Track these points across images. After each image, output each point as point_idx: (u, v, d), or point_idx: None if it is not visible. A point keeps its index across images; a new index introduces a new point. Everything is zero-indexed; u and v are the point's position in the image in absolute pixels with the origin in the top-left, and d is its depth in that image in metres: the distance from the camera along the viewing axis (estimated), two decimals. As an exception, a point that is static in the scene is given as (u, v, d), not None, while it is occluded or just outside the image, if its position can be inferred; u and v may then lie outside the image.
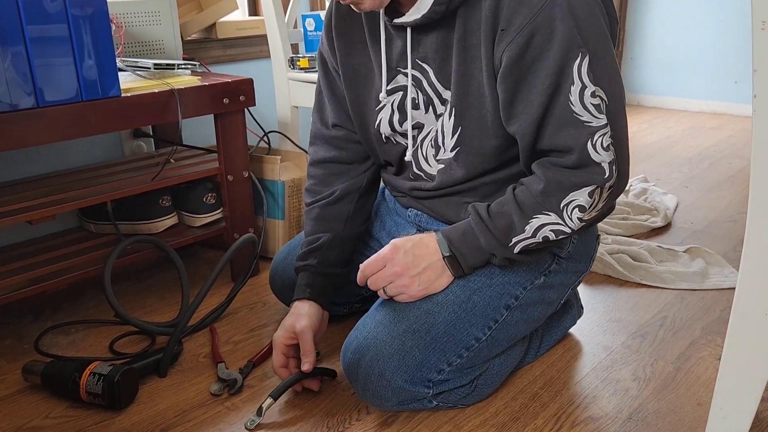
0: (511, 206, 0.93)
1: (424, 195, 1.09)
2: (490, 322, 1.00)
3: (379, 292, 0.98)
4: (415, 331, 0.96)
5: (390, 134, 1.08)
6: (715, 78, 3.25)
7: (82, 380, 1.05)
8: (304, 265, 1.14)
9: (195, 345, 1.25)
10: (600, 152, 0.88)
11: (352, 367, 0.98)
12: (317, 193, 1.17)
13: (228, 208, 1.46)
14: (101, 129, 1.20)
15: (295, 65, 1.67)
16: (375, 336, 0.96)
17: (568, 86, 0.86)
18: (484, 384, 1.04)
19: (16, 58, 1.07)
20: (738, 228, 1.77)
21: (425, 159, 1.05)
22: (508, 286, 1.01)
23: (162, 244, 1.35)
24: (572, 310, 1.24)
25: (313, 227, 1.16)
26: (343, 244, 1.15)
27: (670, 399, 1.06)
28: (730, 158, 2.47)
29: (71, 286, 1.50)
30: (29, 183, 1.39)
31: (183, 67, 1.39)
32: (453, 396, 1.01)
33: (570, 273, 1.09)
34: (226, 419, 1.03)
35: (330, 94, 1.15)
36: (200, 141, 1.80)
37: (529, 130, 0.90)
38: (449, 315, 0.97)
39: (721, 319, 1.30)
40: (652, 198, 1.97)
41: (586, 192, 0.90)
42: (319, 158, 1.19)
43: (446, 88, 0.98)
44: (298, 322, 1.06)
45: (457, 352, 0.98)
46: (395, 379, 0.95)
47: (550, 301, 1.08)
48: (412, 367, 0.95)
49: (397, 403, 0.97)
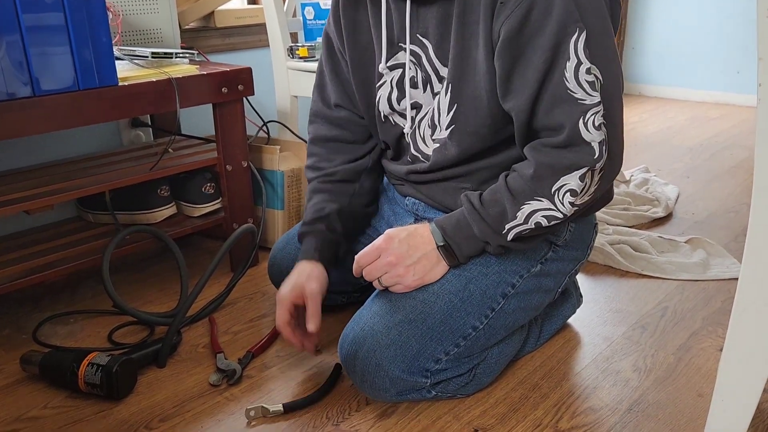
0: (503, 193, 0.93)
1: (421, 179, 1.08)
2: (487, 311, 0.99)
3: (374, 283, 0.98)
4: (412, 321, 0.96)
5: (389, 113, 1.07)
6: (717, 68, 3.24)
7: (81, 370, 1.04)
8: (311, 230, 1.12)
9: (194, 335, 1.25)
10: (591, 131, 0.87)
11: (349, 358, 0.97)
12: (321, 170, 1.16)
13: (227, 198, 1.45)
14: (98, 118, 1.19)
15: (295, 54, 1.66)
16: (371, 327, 0.96)
17: (564, 62, 0.86)
18: (482, 373, 1.04)
19: (12, 46, 1.06)
20: (739, 219, 1.76)
21: (422, 139, 1.05)
22: (505, 274, 1.01)
23: (161, 234, 1.35)
24: (571, 298, 1.23)
25: (318, 199, 1.14)
26: (348, 217, 1.14)
27: (671, 390, 1.05)
28: (732, 149, 2.46)
29: (69, 276, 1.50)
30: (26, 173, 1.39)
31: (181, 56, 1.38)
32: (452, 385, 1.01)
33: (567, 261, 1.09)
34: (225, 409, 1.03)
35: (333, 76, 1.14)
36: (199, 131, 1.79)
37: (525, 107, 0.90)
38: (445, 304, 0.97)
39: (722, 310, 1.29)
40: (654, 188, 1.96)
41: (577, 176, 0.89)
42: (320, 136, 1.18)
43: (444, 65, 0.97)
44: (309, 284, 1.04)
45: (454, 341, 0.97)
46: (392, 370, 0.94)
47: (547, 289, 1.07)
48: (410, 357, 0.95)
49: (395, 393, 0.97)
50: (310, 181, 1.18)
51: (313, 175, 1.17)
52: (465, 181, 1.03)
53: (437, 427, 0.98)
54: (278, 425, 0.99)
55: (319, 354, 1.18)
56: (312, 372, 1.12)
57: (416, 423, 0.99)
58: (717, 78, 3.25)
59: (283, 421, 1.00)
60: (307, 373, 1.12)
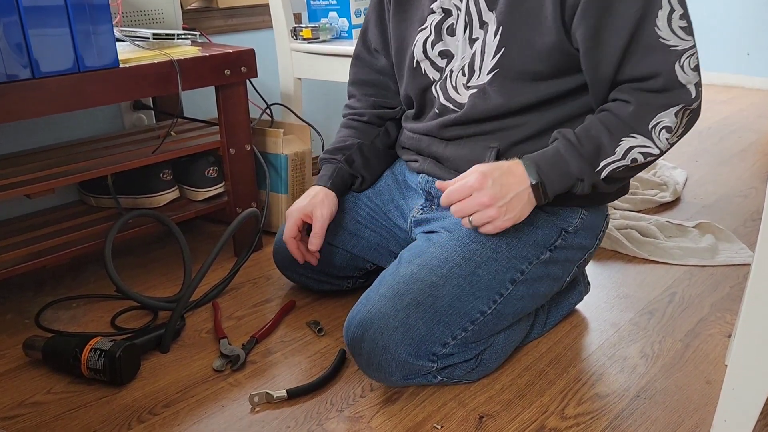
0: (599, 130, 0.94)
1: (448, 134, 1.07)
2: (495, 296, 0.98)
3: (463, 221, 0.96)
4: (420, 304, 0.95)
5: (422, 59, 1.08)
6: (727, 50, 3.19)
7: (84, 356, 1.04)
8: (330, 158, 1.19)
9: (197, 320, 1.24)
10: (687, 73, 0.90)
11: (355, 341, 0.96)
12: (353, 108, 1.24)
13: (230, 182, 1.44)
14: (99, 101, 1.17)
15: (298, 36, 1.63)
16: (379, 309, 0.95)
17: (656, 11, 0.88)
18: (488, 359, 1.03)
19: (11, 28, 1.04)
20: (748, 203, 1.74)
21: (454, 87, 1.05)
22: (514, 260, 1.00)
23: (164, 219, 1.33)
24: (579, 286, 1.22)
25: (344, 134, 1.22)
26: (369, 153, 1.20)
27: (678, 377, 1.04)
28: (741, 132, 2.43)
29: (72, 261, 1.49)
30: (27, 156, 1.37)
31: (183, 38, 1.36)
32: (458, 371, 1.00)
33: (575, 249, 1.07)
34: (228, 395, 1.02)
35: (378, 22, 1.18)
36: (201, 113, 1.77)
37: (614, 58, 0.92)
38: (454, 288, 0.96)
39: (731, 296, 1.28)
40: (662, 172, 1.94)
41: (673, 112, 0.91)
42: (358, 79, 1.25)
43: (490, 10, 0.98)
44: (320, 209, 1.13)
45: (461, 326, 0.96)
46: (399, 353, 0.94)
47: (555, 277, 1.06)
48: (417, 340, 0.94)
49: (401, 377, 0.96)
50: (343, 117, 1.26)
51: (345, 112, 1.25)
52: (495, 139, 1.02)
53: (442, 414, 0.97)
54: (282, 411, 0.98)
55: (323, 336, 1.17)
56: (316, 358, 1.12)
57: (421, 409, 0.98)
58: (727, 60, 3.21)
59: (287, 406, 0.99)
60: (311, 358, 1.11)
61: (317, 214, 1.13)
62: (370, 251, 1.21)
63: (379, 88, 1.23)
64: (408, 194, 1.17)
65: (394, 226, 1.20)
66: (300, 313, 1.26)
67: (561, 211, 1.05)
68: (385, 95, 1.23)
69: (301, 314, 1.26)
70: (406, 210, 1.17)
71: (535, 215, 1.01)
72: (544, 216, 1.04)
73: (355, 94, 1.25)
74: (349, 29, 1.66)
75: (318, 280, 1.26)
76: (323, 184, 1.17)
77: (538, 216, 1.03)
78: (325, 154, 1.21)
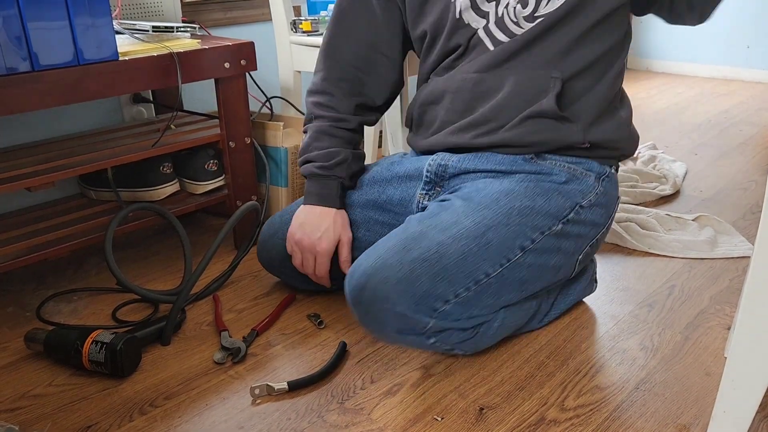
0: None
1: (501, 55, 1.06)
2: (502, 260, 0.99)
3: None
4: (426, 260, 0.95)
5: (466, 8, 1.05)
6: (727, 43, 3.18)
7: (85, 348, 1.04)
8: (331, 175, 1.16)
9: (198, 313, 1.24)
10: None
11: (357, 288, 0.96)
12: (334, 110, 1.18)
13: (230, 175, 1.44)
14: (99, 94, 1.17)
15: (298, 28, 1.63)
16: (384, 261, 0.95)
17: None
18: (484, 333, 1.02)
19: (10, 21, 1.04)
20: (748, 196, 1.75)
21: (515, 23, 1.04)
22: (525, 227, 1.01)
23: (164, 212, 1.34)
24: (587, 277, 1.22)
25: (331, 143, 1.17)
26: (354, 163, 1.19)
27: (678, 369, 1.05)
28: (741, 125, 2.43)
29: (73, 254, 1.49)
30: (27, 149, 1.37)
31: (182, 30, 1.36)
32: (452, 337, 0.99)
33: (589, 225, 1.08)
34: (229, 387, 1.03)
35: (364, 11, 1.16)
36: (201, 106, 1.77)
37: None
38: (462, 247, 0.96)
39: (730, 289, 1.28)
40: (661, 165, 1.94)
41: None
42: (333, 77, 1.18)
43: None
44: (345, 233, 1.15)
45: (465, 284, 0.96)
46: (399, 304, 0.93)
47: (566, 252, 1.06)
48: (419, 294, 0.94)
49: (395, 330, 0.96)
50: (315, 116, 1.19)
51: (323, 113, 1.18)
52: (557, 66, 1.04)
53: (442, 405, 0.98)
54: (283, 403, 0.99)
55: (324, 329, 1.17)
56: (317, 350, 1.12)
57: (421, 401, 0.99)
58: (726, 53, 3.20)
59: (287, 398, 1.00)
60: (312, 351, 1.12)
61: (345, 239, 1.14)
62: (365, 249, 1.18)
63: (357, 85, 1.18)
64: (403, 184, 1.15)
65: (393, 217, 1.17)
66: (300, 305, 1.26)
67: (577, 185, 1.06)
68: (365, 93, 1.19)
69: (301, 307, 1.26)
70: (407, 198, 1.15)
71: (551, 187, 1.03)
72: (560, 188, 1.05)
73: (332, 91, 1.18)
74: (348, 22, 1.66)
75: (303, 280, 1.24)
76: (334, 205, 1.15)
77: (553, 188, 1.04)
78: (322, 170, 1.15)
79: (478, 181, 1.07)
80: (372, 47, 1.18)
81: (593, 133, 1.07)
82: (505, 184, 1.04)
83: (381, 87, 1.20)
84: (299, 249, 1.16)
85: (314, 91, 1.20)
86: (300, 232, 1.15)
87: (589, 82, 1.05)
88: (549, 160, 1.07)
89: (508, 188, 1.03)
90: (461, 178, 1.10)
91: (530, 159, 1.07)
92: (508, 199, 1.02)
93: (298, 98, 1.74)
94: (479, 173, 1.08)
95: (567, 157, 1.08)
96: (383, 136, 2.10)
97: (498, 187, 1.03)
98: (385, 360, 1.09)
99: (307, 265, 1.17)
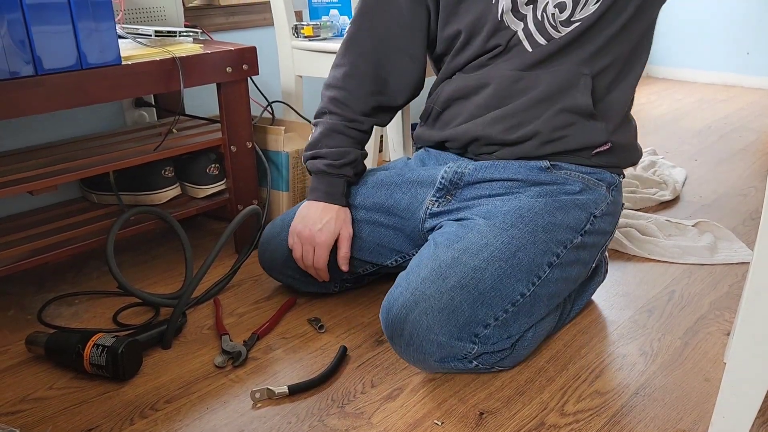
0: None
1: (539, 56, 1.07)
2: (534, 278, 1.01)
3: None
4: (464, 286, 0.96)
5: (507, 9, 1.06)
6: (727, 49, 3.19)
7: (86, 352, 1.04)
8: (340, 173, 1.16)
9: (199, 317, 1.25)
10: None
11: (398, 322, 0.97)
12: (350, 107, 1.16)
13: (231, 179, 1.45)
14: (101, 98, 1.18)
15: (299, 33, 1.64)
16: (423, 292, 0.96)
17: None
18: (521, 346, 1.05)
19: (14, 25, 1.05)
20: (747, 202, 1.75)
21: (554, 26, 1.05)
22: (551, 244, 1.02)
23: (165, 216, 1.34)
24: (598, 275, 1.25)
25: (341, 141, 1.16)
26: (362, 162, 1.20)
27: (677, 374, 1.05)
28: (741, 131, 2.43)
29: (74, 257, 1.49)
30: (30, 153, 1.38)
31: (185, 35, 1.36)
32: (492, 357, 1.02)
33: (600, 234, 1.11)
34: (230, 391, 1.03)
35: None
36: (203, 111, 1.78)
37: None
38: (496, 271, 0.98)
39: (730, 294, 1.29)
40: (661, 171, 1.94)
41: None
42: (358, 72, 1.15)
43: None
44: (346, 229, 1.15)
45: (503, 307, 0.98)
46: (443, 334, 0.95)
47: (584, 262, 1.09)
48: (461, 321, 0.95)
49: (439, 359, 0.97)
50: (329, 112, 1.17)
51: (335, 109, 1.16)
52: (587, 62, 1.06)
53: (443, 410, 0.98)
54: (283, 407, 0.99)
55: (324, 333, 1.17)
56: (317, 354, 1.12)
57: (422, 405, 0.99)
58: (726, 59, 3.21)
59: (288, 402, 1.00)
60: (312, 355, 1.12)
61: (345, 235, 1.15)
62: (368, 252, 1.19)
63: (380, 84, 1.16)
64: (412, 189, 1.16)
65: (401, 221, 1.16)
66: (301, 310, 1.27)
67: (591, 196, 1.08)
68: (386, 93, 1.17)
69: (301, 311, 1.26)
70: (415, 204, 1.15)
71: (567, 200, 1.05)
72: (575, 199, 1.07)
73: (351, 89, 1.15)
74: (350, 27, 1.67)
75: (305, 282, 1.25)
76: (338, 202, 1.15)
77: (569, 201, 1.06)
78: (331, 168, 1.15)
79: (494, 199, 1.08)
80: (397, 46, 1.15)
81: (616, 135, 1.10)
82: (524, 201, 1.05)
83: (403, 87, 1.18)
84: (299, 240, 1.16)
85: (332, 86, 1.17)
86: (301, 224, 1.16)
87: (614, 82, 1.09)
88: (564, 170, 1.09)
89: (528, 205, 1.04)
90: (475, 188, 1.10)
91: (546, 169, 1.08)
92: (531, 215, 1.03)
93: (299, 103, 1.74)
94: (495, 182, 1.09)
95: (581, 167, 1.10)
96: (383, 140, 2.11)
97: (518, 204, 1.05)
98: (386, 364, 1.09)
99: (306, 257, 1.17)
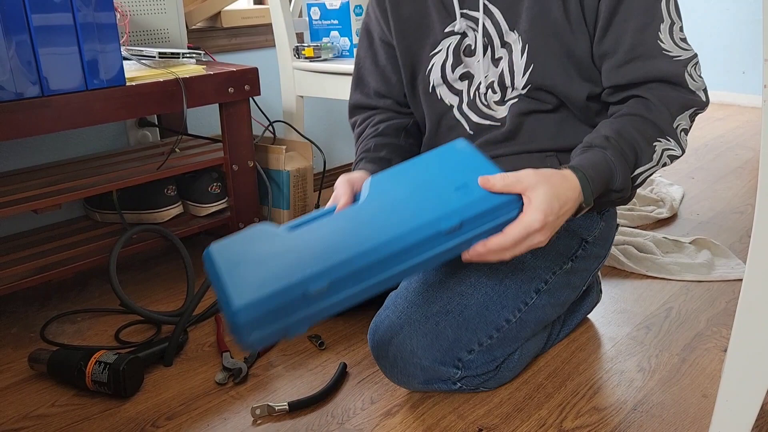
0: (632, 134, 0.91)
1: (496, 151, 1.04)
2: (520, 305, 1.01)
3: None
4: (449, 311, 0.97)
5: (439, 83, 1.06)
6: (723, 68, 3.23)
7: (88, 369, 1.05)
8: (375, 157, 1.07)
9: (200, 334, 1.26)
10: (696, 80, 0.95)
11: (383, 344, 0.98)
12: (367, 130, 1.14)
13: (233, 198, 1.46)
14: (106, 118, 1.20)
15: (301, 54, 1.66)
16: (408, 316, 0.97)
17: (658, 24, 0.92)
18: (506, 368, 1.05)
19: (21, 46, 1.07)
20: (744, 219, 1.76)
21: (486, 105, 1.04)
22: (539, 270, 1.03)
23: (167, 234, 1.35)
24: (591, 294, 1.25)
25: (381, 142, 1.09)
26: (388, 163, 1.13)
27: (675, 390, 1.05)
28: (737, 149, 2.45)
29: (77, 275, 1.51)
30: (34, 172, 1.39)
31: (188, 56, 1.39)
32: (476, 380, 1.02)
33: (592, 258, 1.11)
34: (231, 408, 1.04)
35: (373, 67, 1.14)
36: (205, 130, 1.80)
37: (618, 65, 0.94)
38: (482, 296, 0.98)
39: (727, 311, 1.29)
40: (658, 189, 1.96)
41: (688, 115, 0.95)
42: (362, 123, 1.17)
43: (512, 29, 0.99)
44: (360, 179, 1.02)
45: (487, 333, 0.99)
46: (426, 358, 0.96)
47: (574, 286, 1.09)
48: (445, 346, 0.96)
49: (423, 381, 0.98)
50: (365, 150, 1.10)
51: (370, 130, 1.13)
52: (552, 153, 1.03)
53: (441, 426, 0.98)
54: (283, 423, 1.00)
55: (324, 350, 1.18)
56: (317, 371, 1.13)
57: (420, 422, 0.99)
58: (722, 78, 3.24)
59: (288, 419, 1.01)
60: (313, 371, 1.13)
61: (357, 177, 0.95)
62: None
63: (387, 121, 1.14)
64: None
65: None
66: (301, 327, 1.27)
67: (583, 222, 1.08)
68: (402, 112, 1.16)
69: (302, 328, 1.27)
70: None
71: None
72: (567, 227, 1.06)
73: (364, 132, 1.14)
74: (350, 48, 1.70)
75: None
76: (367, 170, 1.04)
77: (561, 228, 1.05)
78: (366, 162, 1.07)
79: None
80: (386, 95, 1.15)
81: None
82: None
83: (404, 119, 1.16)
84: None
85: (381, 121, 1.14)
86: None
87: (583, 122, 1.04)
88: None
89: None
90: None
91: None
92: None
93: (300, 122, 1.76)
94: None
95: None
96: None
97: None
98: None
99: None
